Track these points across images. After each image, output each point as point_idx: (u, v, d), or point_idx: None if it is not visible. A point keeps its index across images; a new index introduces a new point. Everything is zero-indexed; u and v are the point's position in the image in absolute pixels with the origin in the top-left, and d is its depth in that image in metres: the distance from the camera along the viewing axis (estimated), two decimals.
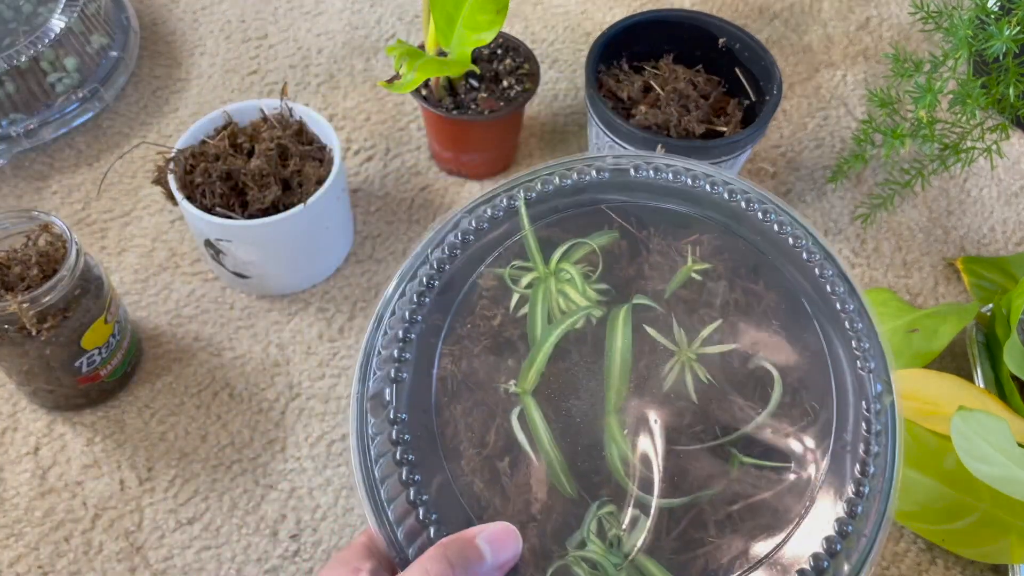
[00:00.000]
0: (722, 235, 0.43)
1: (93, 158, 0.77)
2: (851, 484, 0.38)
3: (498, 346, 0.41)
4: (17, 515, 0.59)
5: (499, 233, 0.44)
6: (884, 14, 0.92)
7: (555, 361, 0.41)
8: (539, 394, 0.40)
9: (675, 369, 0.40)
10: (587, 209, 0.44)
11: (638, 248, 0.43)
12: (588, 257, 0.43)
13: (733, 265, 0.42)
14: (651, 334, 0.41)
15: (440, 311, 0.42)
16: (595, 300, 0.42)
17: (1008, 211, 0.78)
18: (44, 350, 0.56)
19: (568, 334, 0.41)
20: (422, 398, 0.40)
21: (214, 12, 0.89)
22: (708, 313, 0.41)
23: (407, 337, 0.41)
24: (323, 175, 0.65)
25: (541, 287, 0.42)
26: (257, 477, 0.61)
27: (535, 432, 0.39)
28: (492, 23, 0.65)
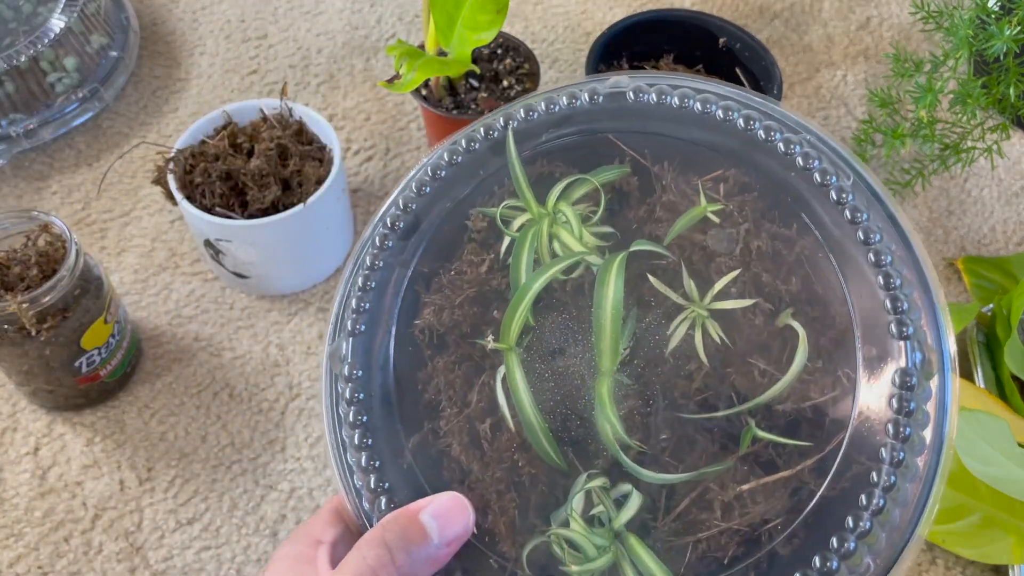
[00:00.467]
0: (750, 172, 0.36)
1: (93, 158, 0.77)
2: (877, 474, 0.31)
3: (484, 295, 0.37)
4: (17, 515, 0.59)
5: (491, 167, 0.39)
6: (884, 14, 0.92)
7: (544, 314, 0.36)
8: (525, 351, 0.36)
9: (683, 326, 0.35)
10: (590, 139, 0.38)
11: (651, 186, 0.37)
12: (591, 196, 0.38)
13: (760, 206, 0.36)
14: (656, 285, 0.35)
15: (420, 256, 0.38)
16: (593, 246, 0.37)
17: (1008, 211, 0.78)
18: (44, 350, 0.56)
19: (563, 284, 0.36)
20: (392, 353, 0.36)
21: (214, 12, 0.89)
22: (726, 262, 0.35)
23: (367, 286, 0.37)
24: (323, 175, 0.65)
25: (531, 230, 0.37)
26: (257, 477, 0.61)
27: (515, 393, 0.35)
28: (492, 23, 0.65)
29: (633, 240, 0.37)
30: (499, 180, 0.39)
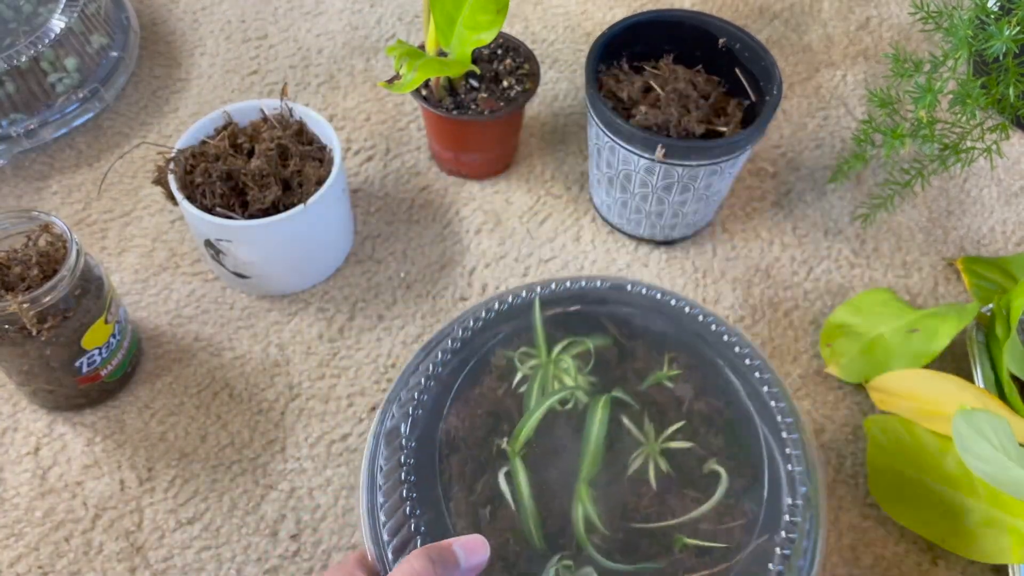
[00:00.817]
0: (695, 354, 0.51)
1: (93, 158, 0.77)
2: (774, 572, 0.44)
3: (497, 412, 0.48)
4: (17, 515, 0.59)
5: (515, 322, 0.52)
6: (884, 14, 0.92)
7: (543, 432, 0.48)
8: (526, 456, 0.47)
9: (640, 458, 0.47)
10: (590, 314, 0.52)
11: (625, 354, 0.51)
12: (584, 354, 0.51)
13: (701, 380, 0.50)
14: (626, 425, 0.48)
15: (455, 376, 0.50)
16: (585, 387, 0.49)
17: (1008, 211, 0.78)
18: (44, 350, 0.56)
19: (557, 413, 0.48)
20: (428, 443, 0.47)
21: (214, 12, 0.89)
22: (675, 415, 0.48)
23: (421, 396, 0.49)
24: (323, 175, 0.65)
25: (541, 371, 0.50)
26: (257, 477, 0.61)
27: (518, 488, 0.46)
28: (492, 23, 0.65)
29: (609, 388, 0.49)
30: (518, 332, 0.52)
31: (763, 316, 0.70)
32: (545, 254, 0.73)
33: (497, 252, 0.73)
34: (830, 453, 0.64)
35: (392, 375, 0.66)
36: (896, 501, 0.58)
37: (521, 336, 0.51)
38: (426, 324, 0.69)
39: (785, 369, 0.68)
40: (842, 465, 0.63)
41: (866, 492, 0.62)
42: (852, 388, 0.67)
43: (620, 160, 0.67)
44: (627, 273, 0.72)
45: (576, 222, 0.75)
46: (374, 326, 0.68)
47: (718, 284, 0.72)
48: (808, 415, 0.66)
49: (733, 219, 0.76)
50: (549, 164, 0.79)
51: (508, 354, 0.51)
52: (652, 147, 0.63)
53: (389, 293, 0.70)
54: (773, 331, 0.70)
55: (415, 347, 0.67)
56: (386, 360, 0.67)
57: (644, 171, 0.66)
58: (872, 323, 0.66)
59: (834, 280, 0.73)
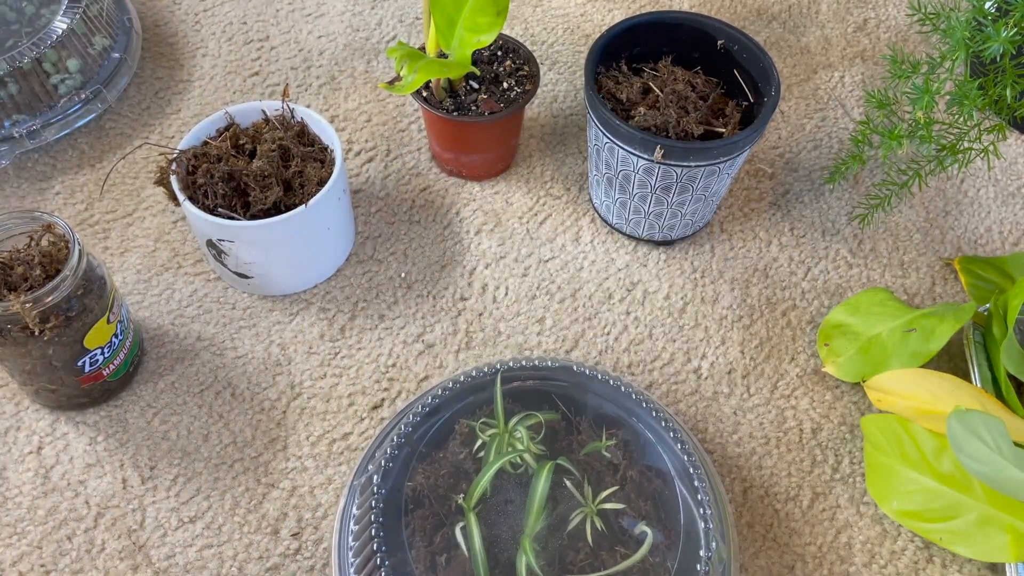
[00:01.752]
0: (630, 427, 0.58)
1: (96, 159, 0.78)
2: None
3: (458, 473, 0.55)
4: (20, 514, 0.59)
5: (479, 395, 0.59)
6: (882, 16, 0.93)
7: (496, 491, 0.54)
8: (480, 512, 0.53)
9: (579, 516, 0.54)
10: (542, 390, 0.59)
11: (571, 426, 0.58)
12: (535, 426, 0.57)
13: (634, 450, 0.57)
14: (569, 488, 0.55)
15: (423, 440, 0.57)
16: (535, 454, 0.56)
17: (1005, 211, 0.78)
18: (47, 350, 0.57)
19: (509, 476, 0.55)
20: (396, 496, 0.54)
21: (216, 14, 0.90)
22: (611, 480, 0.55)
23: (393, 454, 0.56)
24: (324, 176, 0.65)
25: (498, 439, 0.57)
26: (259, 476, 0.61)
27: (471, 539, 0.52)
28: (492, 25, 0.66)
29: (555, 456, 0.56)
30: (480, 404, 0.58)
31: (761, 315, 0.71)
32: (545, 254, 0.74)
33: (497, 252, 0.73)
34: (827, 452, 0.64)
35: (393, 375, 0.66)
36: (893, 500, 0.58)
37: (483, 408, 0.58)
38: (426, 324, 0.69)
39: (783, 368, 0.68)
40: (839, 464, 0.64)
41: (863, 491, 0.62)
42: (849, 387, 0.67)
43: (619, 161, 0.67)
44: (626, 273, 0.73)
45: (575, 223, 0.76)
46: (375, 326, 0.69)
47: (716, 284, 0.72)
48: (805, 414, 0.66)
49: (731, 219, 0.76)
50: (549, 165, 0.79)
51: (471, 423, 0.57)
52: (651, 148, 0.64)
53: (390, 293, 0.71)
54: (771, 330, 0.70)
55: (416, 347, 0.68)
56: (387, 360, 0.67)
57: (643, 172, 0.66)
58: (870, 323, 0.66)
59: (832, 280, 0.73)
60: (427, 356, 0.68)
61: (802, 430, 0.65)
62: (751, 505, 0.62)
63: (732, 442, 0.64)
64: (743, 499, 0.62)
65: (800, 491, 0.62)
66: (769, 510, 0.61)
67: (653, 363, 0.68)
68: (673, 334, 0.70)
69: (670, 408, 0.65)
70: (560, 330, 0.69)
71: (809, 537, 0.60)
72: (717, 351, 0.69)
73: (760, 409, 0.66)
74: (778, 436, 0.65)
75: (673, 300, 0.71)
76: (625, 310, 0.71)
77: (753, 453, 0.64)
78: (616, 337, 0.69)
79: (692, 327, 0.70)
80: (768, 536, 0.60)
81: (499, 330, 0.69)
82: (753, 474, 0.63)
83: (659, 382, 0.67)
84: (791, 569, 0.59)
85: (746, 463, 0.63)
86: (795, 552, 0.60)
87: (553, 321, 0.70)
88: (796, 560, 0.59)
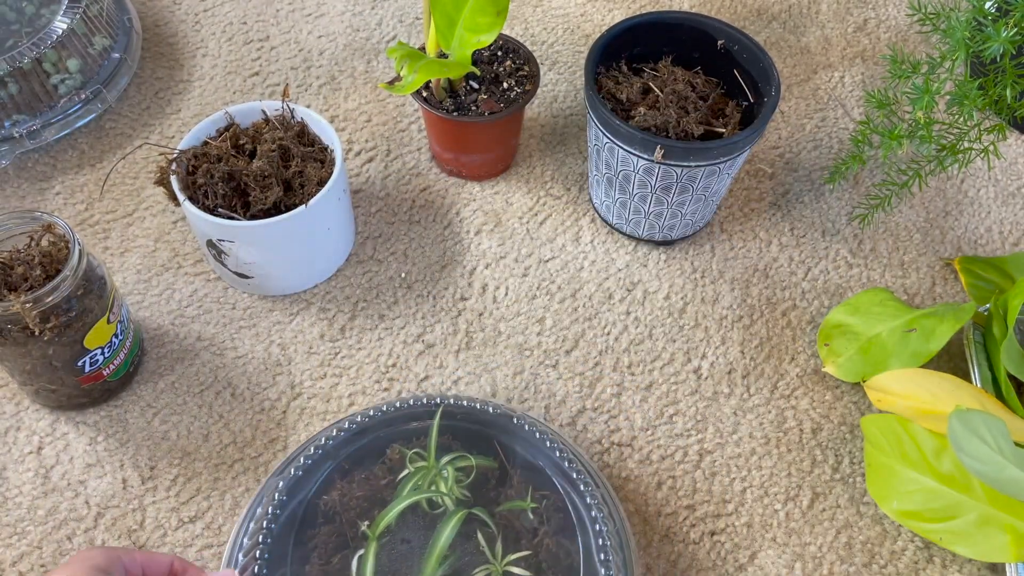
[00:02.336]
0: (560, 495, 0.55)
1: (96, 159, 0.78)
2: None
3: (373, 498, 0.54)
4: (20, 514, 0.59)
5: (419, 423, 0.57)
6: (882, 16, 0.93)
7: (404, 526, 0.53)
8: (384, 543, 0.52)
9: (483, 573, 0.52)
10: (482, 434, 0.57)
11: (505, 478, 0.55)
12: (466, 468, 0.55)
13: (559, 520, 0.54)
14: (480, 541, 0.53)
15: (346, 454, 0.55)
16: (454, 498, 0.54)
17: (1005, 211, 0.78)
18: (47, 350, 0.57)
19: (423, 515, 0.53)
20: (307, 504, 0.53)
21: (216, 14, 0.90)
22: (526, 544, 0.53)
23: (314, 457, 0.54)
24: (324, 176, 0.65)
25: (424, 473, 0.55)
26: (259, 476, 0.61)
27: (363, 571, 0.51)
28: (492, 25, 0.66)
29: (475, 507, 0.54)
30: (418, 434, 0.57)
31: (761, 316, 0.71)
32: (545, 254, 0.74)
33: (497, 252, 0.73)
34: (827, 452, 0.64)
35: (393, 375, 0.66)
36: (893, 499, 0.58)
37: (420, 438, 0.57)
38: (427, 324, 0.69)
39: (783, 368, 0.68)
40: (839, 464, 0.64)
41: (863, 491, 0.62)
42: (849, 387, 0.67)
43: (619, 161, 0.67)
44: (626, 273, 0.73)
45: (575, 222, 0.76)
46: (375, 326, 0.69)
47: (716, 284, 0.72)
48: (806, 414, 0.66)
49: (731, 219, 0.76)
50: (549, 165, 0.79)
51: (403, 450, 0.56)
52: (651, 148, 0.64)
53: (390, 293, 0.71)
54: (771, 330, 0.70)
55: (416, 347, 0.68)
56: (387, 360, 0.67)
57: (643, 172, 0.66)
58: (870, 323, 0.66)
59: (832, 280, 0.73)
60: (427, 356, 0.68)
61: (802, 430, 0.65)
62: (750, 505, 0.62)
63: (732, 442, 0.64)
64: (742, 499, 0.62)
65: (800, 491, 0.62)
66: (769, 510, 0.61)
67: (653, 363, 0.68)
68: (673, 334, 0.70)
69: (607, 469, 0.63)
70: (560, 330, 0.69)
71: (809, 537, 0.60)
72: (717, 351, 0.69)
73: (760, 409, 0.66)
74: (778, 436, 0.65)
75: (673, 300, 0.71)
76: (625, 310, 0.71)
77: (753, 453, 0.64)
78: (616, 337, 0.69)
79: (692, 327, 0.70)
80: (768, 536, 0.60)
81: (499, 330, 0.69)
82: (753, 474, 0.63)
83: (659, 382, 0.67)
84: (791, 569, 0.59)
85: (746, 463, 0.63)
86: (795, 552, 0.60)
87: (553, 321, 0.70)
88: (796, 560, 0.59)
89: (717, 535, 0.60)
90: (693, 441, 0.64)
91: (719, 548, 0.60)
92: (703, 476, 0.63)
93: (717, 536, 0.60)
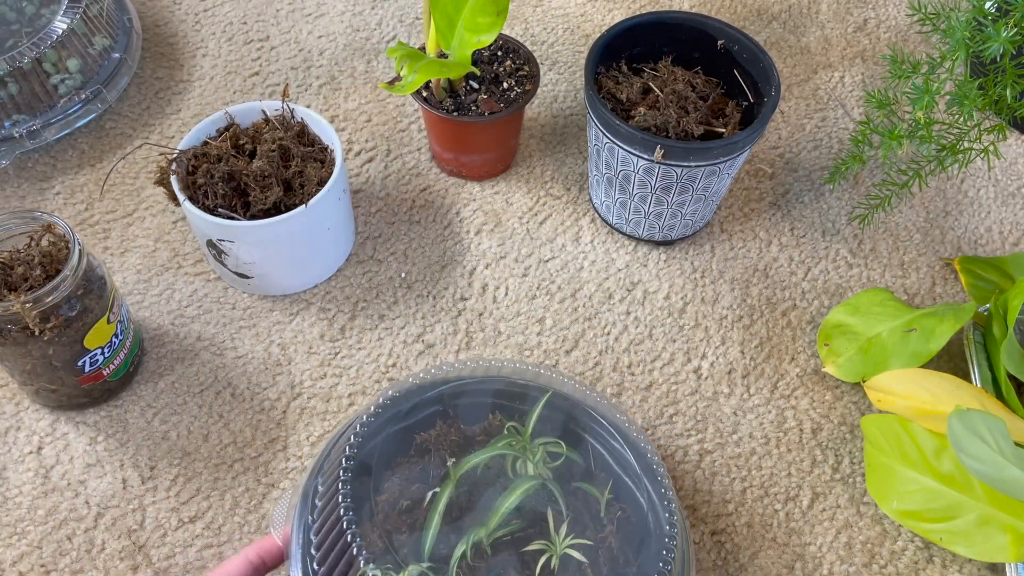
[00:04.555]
0: (635, 498, 0.54)
1: (96, 159, 0.78)
2: None
3: (465, 447, 0.54)
4: (20, 514, 0.59)
5: (521, 399, 0.56)
6: (882, 16, 0.93)
7: (480, 479, 0.52)
8: (459, 488, 0.51)
9: (538, 546, 0.50)
10: (580, 431, 0.56)
11: (590, 474, 0.54)
12: (555, 455, 0.54)
13: (631, 530, 0.52)
14: (548, 517, 0.51)
15: (454, 410, 0.55)
16: (538, 471, 0.53)
17: (1005, 211, 0.78)
18: (47, 350, 0.57)
19: (503, 478, 0.52)
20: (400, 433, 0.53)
21: (216, 14, 0.90)
22: (590, 534, 0.51)
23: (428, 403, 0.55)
24: (324, 176, 0.65)
25: (515, 440, 0.54)
26: (259, 476, 0.61)
27: (436, 503, 0.50)
28: (492, 25, 0.66)
29: (555, 482, 0.53)
30: (518, 410, 0.56)
31: (761, 316, 0.71)
32: (545, 254, 0.74)
33: (497, 252, 0.73)
34: (827, 452, 0.64)
35: (393, 375, 0.66)
36: (893, 499, 0.58)
37: (519, 413, 0.56)
38: (427, 324, 0.69)
39: (783, 368, 0.68)
40: (839, 464, 0.64)
41: (863, 491, 0.62)
42: (849, 387, 0.67)
43: (619, 161, 0.67)
44: (626, 273, 0.73)
45: (576, 223, 0.76)
46: (375, 326, 0.69)
47: (716, 284, 0.72)
48: (806, 414, 0.66)
49: (731, 219, 0.76)
50: (549, 165, 0.79)
51: (502, 418, 0.56)
52: (651, 148, 0.64)
53: (390, 293, 0.71)
54: (771, 330, 0.70)
55: (416, 347, 0.68)
56: (387, 360, 0.67)
57: (643, 172, 0.66)
58: (870, 323, 0.66)
59: (832, 280, 0.73)
60: (427, 356, 0.68)
61: (802, 430, 0.65)
62: (751, 505, 0.62)
63: (732, 442, 0.64)
64: (743, 499, 0.62)
65: (800, 491, 0.62)
66: (769, 510, 0.61)
67: (653, 363, 0.68)
68: (673, 334, 0.70)
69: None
70: (560, 330, 0.69)
71: (809, 537, 0.60)
72: (717, 351, 0.69)
73: (760, 409, 0.66)
74: (778, 436, 0.65)
75: (673, 300, 0.71)
76: (625, 310, 0.71)
77: (753, 453, 0.64)
78: (616, 337, 0.69)
79: (692, 327, 0.70)
80: (768, 536, 0.60)
81: (499, 330, 0.69)
82: (753, 474, 0.63)
83: (659, 382, 0.67)
84: (791, 569, 0.59)
85: (746, 463, 0.63)
86: (795, 552, 0.60)
87: (553, 321, 0.70)
88: (796, 560, 0.59)
89: (718, 535, 0.60)
90: (693, 441, 0.64)
91: (720, 548, 0.60)
92: (703, 476, 0.63)
93: (718, 536, 0.60)
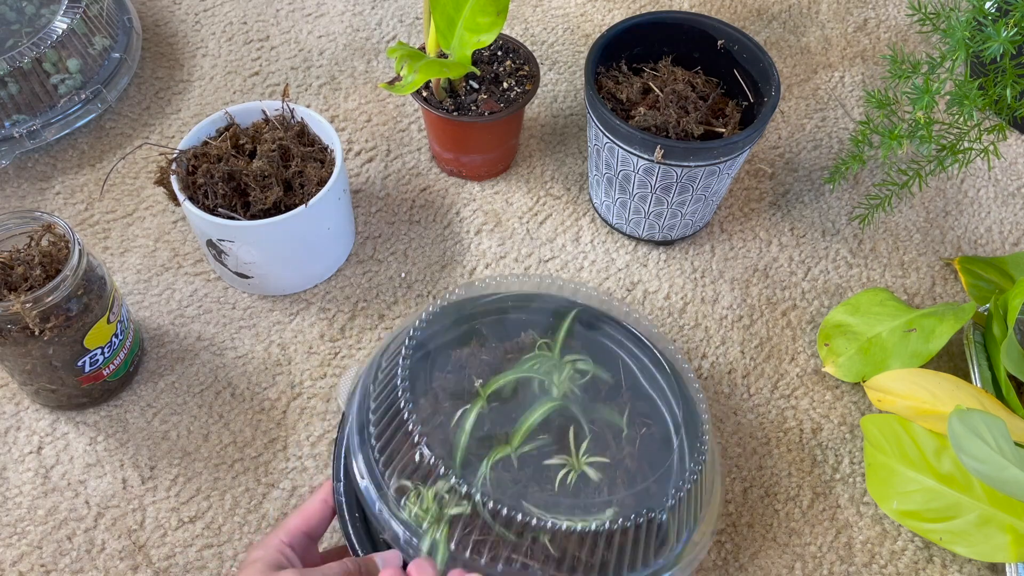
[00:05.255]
0: (667, 432, 0.55)
1: (96, 159, 0.78)
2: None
3: (496, 366, 0.55)
4: (20, 514, 0.59)
5: (550, 315, 0.58)
6: (882, 16, 0.93)
7: (508, 398, 0.53)
8: (488, 405, 0.53)
9: (559, 459, 0.51)
10: (612, 346, 0.58)
11: (615, 392, 0.55)
12: (583, 372, 0.55)
13: (650, 447, 0.54)
14: (570, 436, 0.52)
15: (487, 328, 0.57)
16: (563, 390, 0.54)
17: (1005, 211, 0.78)
18: (47, 350, 0.57)
19: (530, 397, 0.53)
20: (435, 354, 0.55)
21: (216, 14, 0.90)
22: (612, 453, 0.52)
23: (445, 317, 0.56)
24: (324, 176, 0.65)
25: (545, 360, 0.55)
26: (259, 476, 0.61)
27: (465, 420, 0.52)
28: (492, 25, 0.66)
29: (583, 403, 0.54)
30: (551, 324, 0.57)
31: (761, 315, 0.71)
32: (545, 254, 0.74)
33: (497, 252, 0.73)
34: (827, 452, 0.64)
35: None
36: (893, 499, 0.58)
37: (551, 329, 0.57)
38: None
39: (783, 368, 0.68)
40: (839, 464, 0.64)
41: (863, 491, 0.62)
42: (849, 387, 0.67)
43: (619, 161, 0.67)
44: (626, 273, 0.73)
45: (575, 222, 0.76)
46: (375, 325, 0.69)
47: (716, 284, 0.72)
48: (806, 414, 0.66)
49: (731, 219, 0.76)
50: (549, 165, 0.79)
51: (534, 336, 0.56)
52: (651, 148, 0.64)
53: (390, 293, 0.71)
54: (771, 330, 0.70)
55: None
56: None
57: (643, 172, 0.66)
58: (870, 323, 0.66)
59: (832, 280, 0.73)
60: None
61: (802, 430, 0.65)
62: (751, 505, 0.62)
63: (732, 442, 0.64)
64: (743, 499, 0.62)
65: (800, 491, 0.62)
66: (769, 510, 0.61)
67: None
68: (673, 334, 0.70)
69: None
70: None
71: (809, 537, 0.60)
72: (717, 351, 0.69)
73: (760, 409, 0.66)
74: (778, 436, 0.65)
75: (673, 300, 0.71)
76: None
77: (753, 453, 0.64)
78: None
79: (692, 327, 0.70)
80: (768, 536, 0.60)
81: None
82: (753, 474, 0.63)
83: None
84: (791, 569, 0.59)
85: (746, 463, 0.63)
86: (795, 552, 0.60)
87: None
88: (796, 560, 0.59)
89: (718, 535, 0.60)
90: None
91: (720, 548, 0.60)
92: None
93: (718, 536, 0.60)
